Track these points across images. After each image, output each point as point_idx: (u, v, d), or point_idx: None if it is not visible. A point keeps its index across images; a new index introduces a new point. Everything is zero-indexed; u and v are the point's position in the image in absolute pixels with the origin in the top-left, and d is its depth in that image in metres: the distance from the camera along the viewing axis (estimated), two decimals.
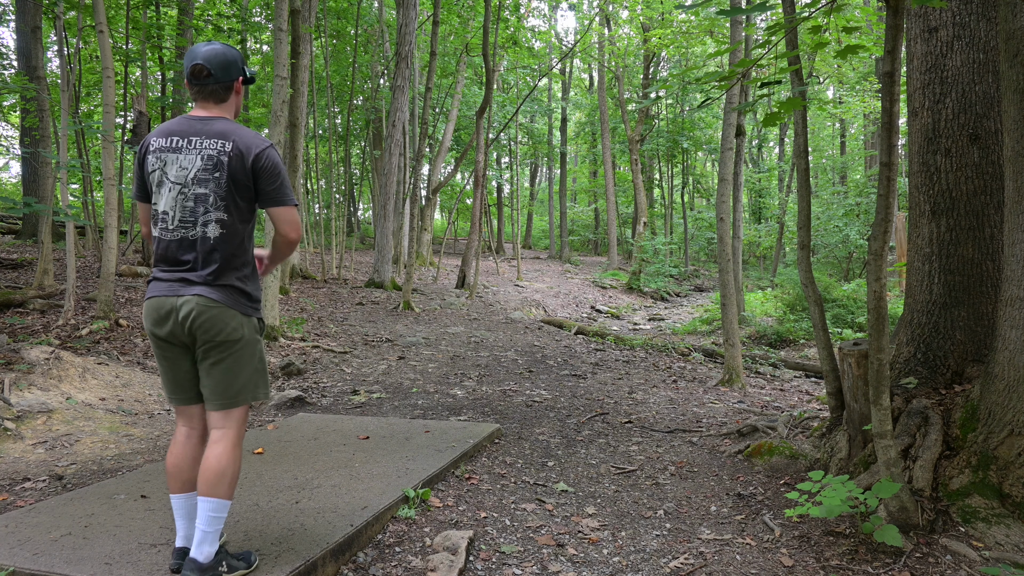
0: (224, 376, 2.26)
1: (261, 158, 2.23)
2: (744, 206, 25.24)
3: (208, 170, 2.20)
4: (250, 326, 2.31)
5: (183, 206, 2.21)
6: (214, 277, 2.22)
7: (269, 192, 2.27)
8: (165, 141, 2.23)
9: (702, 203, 33.64)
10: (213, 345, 2.23)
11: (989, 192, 3.43)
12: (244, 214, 2.28)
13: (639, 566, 2.68)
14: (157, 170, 2.23)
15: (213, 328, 2.21)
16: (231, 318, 2.24)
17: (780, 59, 3.62)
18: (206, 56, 2.22)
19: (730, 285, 7.00)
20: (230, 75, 2.27)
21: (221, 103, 2.30)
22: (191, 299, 2.19)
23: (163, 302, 2.22)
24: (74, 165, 8.10)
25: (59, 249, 10.93)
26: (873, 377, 2.76)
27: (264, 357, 2.39)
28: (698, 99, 23.09)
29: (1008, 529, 2.73)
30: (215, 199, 2.21)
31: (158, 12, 12.75)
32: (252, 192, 2.27)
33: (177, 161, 2.21)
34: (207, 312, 2.20)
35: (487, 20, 12.82)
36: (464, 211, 32.59)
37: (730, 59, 8.39)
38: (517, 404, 5.50)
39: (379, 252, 13.26)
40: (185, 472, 2.30)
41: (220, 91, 2.28)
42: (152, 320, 2.25)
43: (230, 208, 2.23)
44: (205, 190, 2.20)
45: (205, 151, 2.20)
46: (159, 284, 2.25)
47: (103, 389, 5.23)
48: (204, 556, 2.19)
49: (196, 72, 2.22)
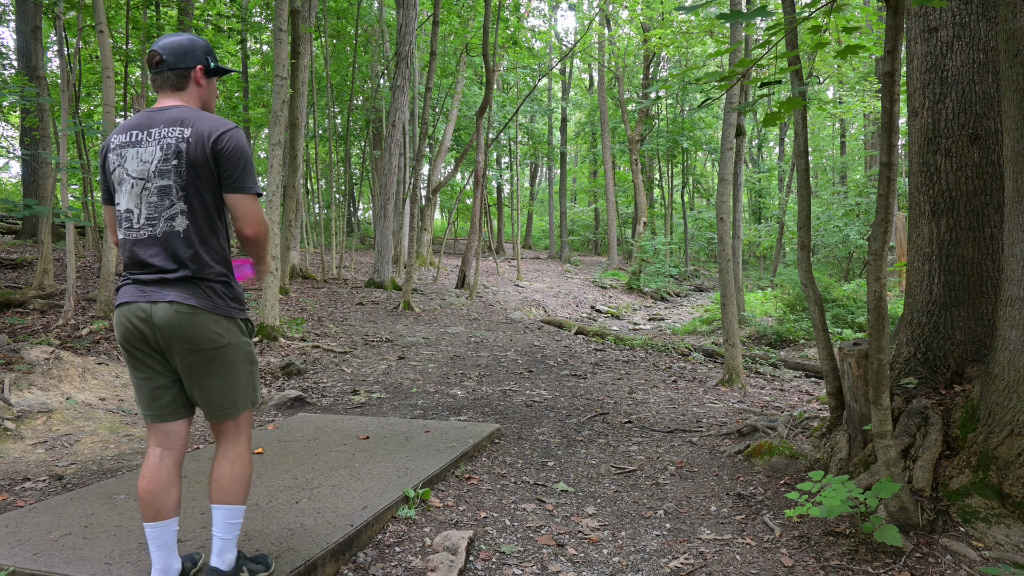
0: (218, 385, 2.12)
1: (221, 141, 2.06)
2: (744, 206, 25.25)
3: (166, 160, 2.05)
4: (235, 329, 2.15)
5: (147, 202, 2.06)
6: (188, 277, 2.06)
7: (227, 178, 2.09)
8: (125, 136, 2.09)
9: (702, 203, 33.64)
10: (196, 354, 2.07)
11: (989, 192, 3.43)
12: (211, 204, 2.10)
13: (639, 566, 2.68)
14: (118, 167, 2.09)
15: (195, 336, 2.05)
16: (213, 323, 2.07)
17: (780, 59, 3.62)
18: (161, 44, 2.14)
19: (730, 285, 7.00)
20: (185, 62, 2.14)
21: (178, 91, 2.16)
22: (165, 306, 2.03)
23: (135, 309, 2.04)
24: (74, 165, 8.11)
25: (59, 249, 10.93)
26: (873, 377, 2.76)
27: (256, 359, 2.26)
28: (698, 99, 23.09)
29: (1008, 529, 2.72)
30: (177, 190, 2.05)
31: (158, 12, 12.76)
32: (217, 179, 2.09)
33: (137, 155, 2.07)
34: (185, 319, 2.03)
35: (487, 20, 12.82)
36: (464, 211, 32.59)
37: (730, 59, 8.38)
38: (517, 404, 5.50)
39: (379, 252, 13.26)
40: (161, 497, 2.09)
41: (173, 78, 2.14)
42: (123, 330, 2.07)
43: (192, 198, 2.06)
44: (167, 181, 2.05)
45: (164, 140, 2.06)
46: (129, 289, 2.08)
47: (103, 389, 5.23)
48: (226, 564, 2.14)
49: (149, 59, 2.14)
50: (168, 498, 2.10)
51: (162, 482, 2.10)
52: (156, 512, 2.09)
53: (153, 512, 2.09)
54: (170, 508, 2.11)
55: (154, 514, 2.09)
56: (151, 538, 2.10)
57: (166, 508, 2.10)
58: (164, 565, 2.12)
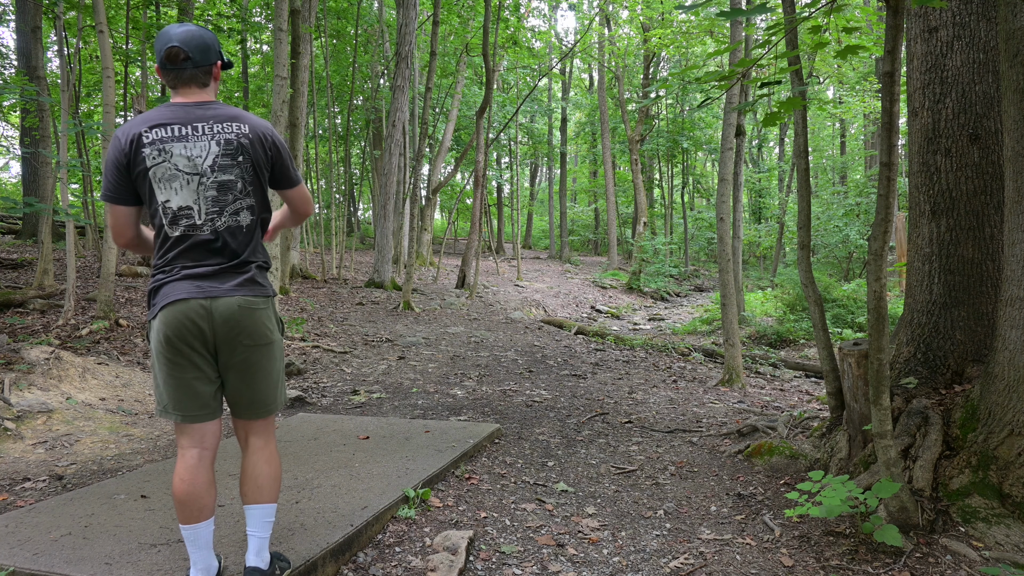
0: (266, 381, 2.14)
1: (276, 139, 2.16)
2: (744, 206, 25.24)
3: (229, 155, 2.05)
4: (277, 324, 2.19)
5: (205, 197, 2.04)
6: (248, 272, 2.09)
7: (283, 173, 2.19)
8: (164, 131, 2.01)
9: (702, 203, 33.64)
10: (252, 349, 2.08)
11: (989, 192, 3.43)
12: (264, 199, 2.17)
13: (639, 566, 2.68)
14: (163, 162, 2.01)
15: (254, 330, 2.07)
16: (267, 318, 2.11)
17: (780, 59, 3.62)
18: (182, 38, 2.03)
19: (730, 285, 7.00)
20: (209, 58, 2.08)
21: (203, 88, 2.11)
22: (230, 300, 2.03)
23: (192, 306, 2.00)
24: (74, 165, 8.10)
25: (59, 249, 10.93)
26: (873, 377, 2.76)
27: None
28: (698, 99, 23.09)
29: (1008, 529, 2.72)
30: (243, 185, 2.08)
31: (158, 12, 12.75)
32: (267, 175, 2.17)
33: (185, 150, 2.02)
34: (248, 313, 2.05)
35: (487, 20, 12.82)
36: (464, 211, 32.59)
37: (730, 59, 8.38)
38: (517, 404, 5.50)
39: (379, 252, 13.26)
40: (203, 499, 2.07)
41: (200, 75, 2.08)
42: (176, 327, 1.99)
43: (257, 193, 2.12)
44: (230, 176, 2.06)
45: (220, 136, 2.05)
46: (183, 285, 2.02)
47: (103, 389, 5.23)
48: (265, 563, 2.15)
49: (172, 56, 2.02)
50: (208, 498, 2.09)
51: (202, 483, 2.08)
52: (198, 513, 2.07)
53: (195, 514, 2.07)
54: (210, 508, 2.10)
55: (196, 516, 2.07)
56: (192, 539, 2.08)
57: (207, 509, 2.09)
58: (206, 565, 2.12)
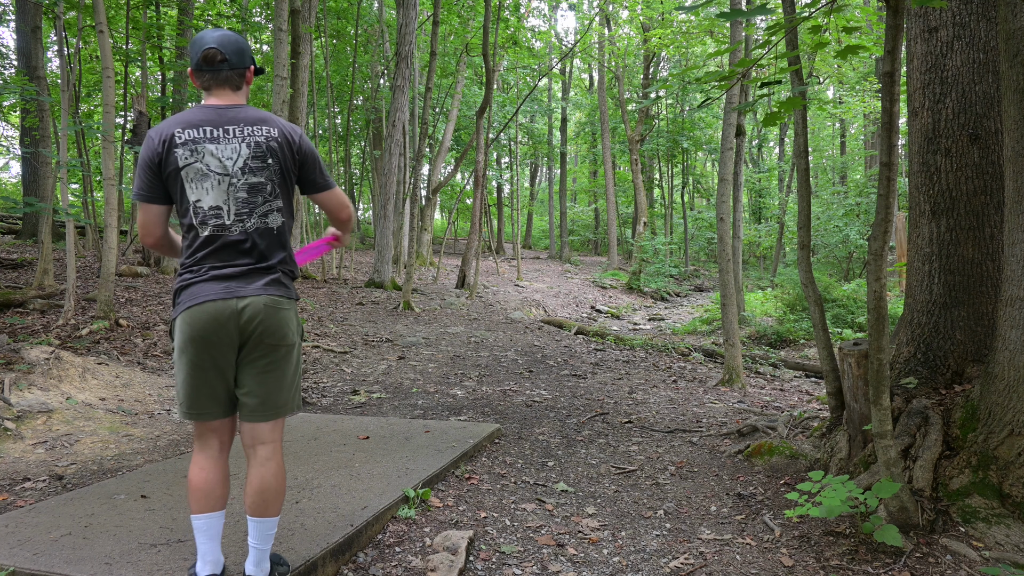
0: (282, 382, 2.14)
1: (304, 142, 2.17)
2: (744, 206, 25.24)
3: (259, 158, 2.09)
4: (299, 325, 2.22)
5: (235, 198, 2.07)
6: (278, 272, 2.13)
7: (315, 177, 2.21)
8: (197, 132, 2.05)
9: (702, 203, 33.64)
10: (274, 349, 2.10)
11: (989, 192, 3.43)
12: (291, 203, 2.19)
13: (639, 566, 2.68)
14: (195, 162, 2.04)
15: (277, 331, 2.09)
16: (291, 320, 2.14)
17: (780, 59, 3.62)
18: (219, 40, 2.08)
19: (730, 285, 7.00)
20: (244, 62, 2.14)
21: (237, 91, 2.15)
22: (257, 299, 2.05)
23: (219, 306, 2.02)
24: (74, 165, 8.11)
25: (59, 249, 10.93)
26: (873, 377, 2.76)
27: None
28: (698, 99, 23.09)
29: (1008, 529, 2.72)
30: (272, 187, 2.12)
31: (158, 12, 12.75)
32: (295, 178, 2.19)
33: (217, 151, 2.06)
34: (274, 314, 2.08)
35: (487, 20, 12.82)
36: (464, 211, 32.59)
37: (730, 59, 8.38)
38: (517, 404, 5.50)
39: (379, 252, 13.26)
40: (218, 489, 2.14)
41: (235, 78, 2.13)
42: (202, 327, 2.02)
43: (285, 196, 2.15)
44: (260, 179, 2.10)
45: (250, 139, 2.09)
46: (210, 286, 2.05)
47: (103, 389, 5.23)
48: (265, 572, 2.16)
49: (209, 57, 2.07)
50: (224, 489, 2.16)
51: (222, 474, 2.16)
52: (213, 503, 2.13)
53: (210, 503, 2.12)
54: (224, 499, 2.17)
55: (211, 505, 2.13)
56: (204, 529, 2.13)
57: (223, 499, 2.16)
58: (214, 557, 2.15)
